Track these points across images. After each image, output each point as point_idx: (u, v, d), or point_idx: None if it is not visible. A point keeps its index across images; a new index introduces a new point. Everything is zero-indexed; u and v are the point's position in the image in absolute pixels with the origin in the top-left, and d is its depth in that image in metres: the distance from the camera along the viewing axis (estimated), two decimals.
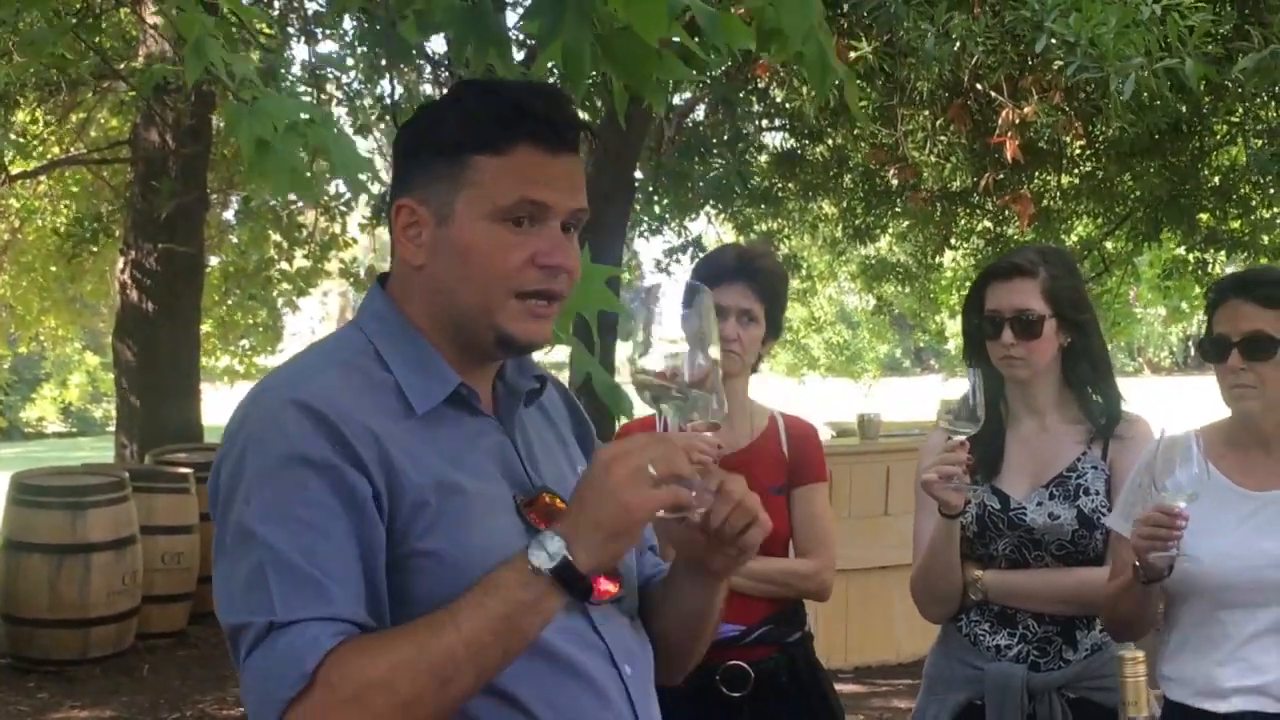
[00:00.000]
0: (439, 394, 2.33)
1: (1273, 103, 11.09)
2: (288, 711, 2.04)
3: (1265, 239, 13.72)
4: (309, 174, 4.23)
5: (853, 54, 9.39)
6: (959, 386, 3.74)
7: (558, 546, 2.13)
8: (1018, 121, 9.45)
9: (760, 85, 12.27)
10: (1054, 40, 6.00)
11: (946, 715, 4.01)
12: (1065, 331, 3.99)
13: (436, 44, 13.80)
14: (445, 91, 11.21)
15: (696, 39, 3.51)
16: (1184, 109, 10.80)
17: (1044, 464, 4.00)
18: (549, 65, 3.54)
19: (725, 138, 13.78)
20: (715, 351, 2.35)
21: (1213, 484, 3.66)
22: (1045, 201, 13.36)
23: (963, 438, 3.72)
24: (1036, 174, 12.80)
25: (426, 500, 2.23)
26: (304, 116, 3.92)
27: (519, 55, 5.23)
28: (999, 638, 3.97)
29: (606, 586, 2.38)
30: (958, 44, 7.81)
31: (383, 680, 2.06)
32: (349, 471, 2.17)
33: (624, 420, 3.92)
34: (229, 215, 17.72)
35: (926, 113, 10.97)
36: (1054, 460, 3.99)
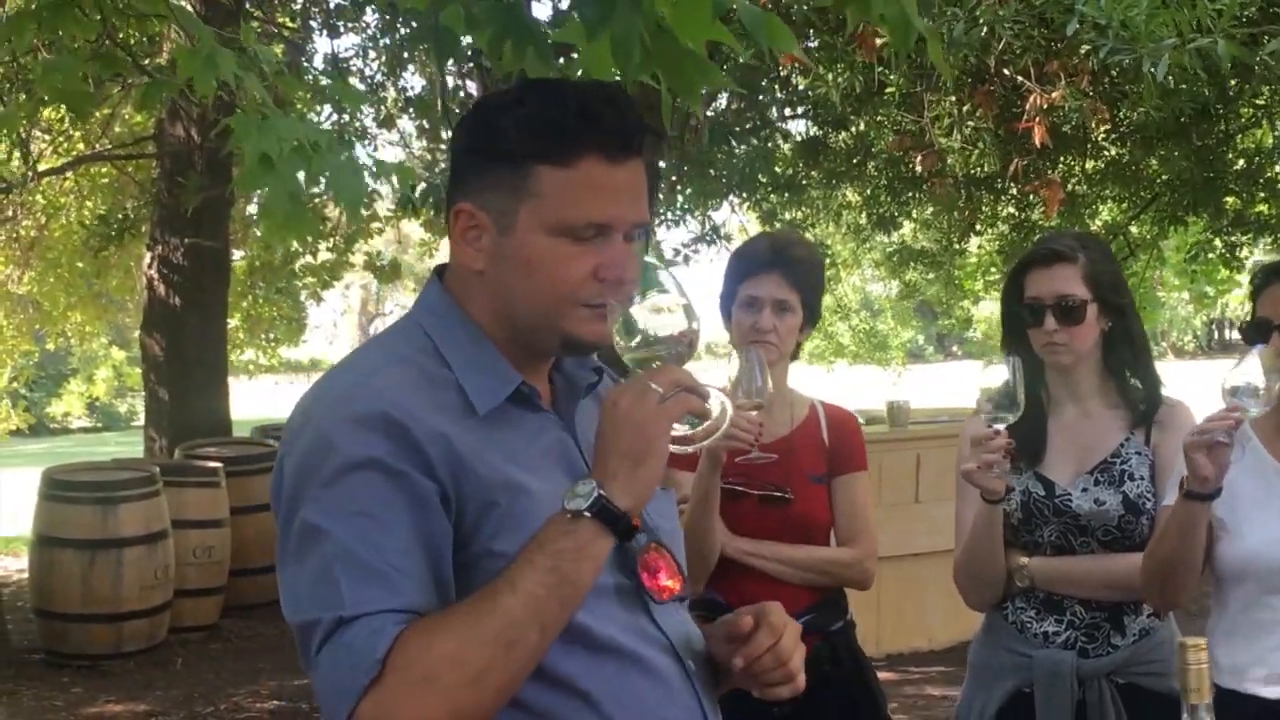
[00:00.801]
0: (501, 393, 2.33)
1: None
2: (362, 700, 2.05)
3: None
4: (308, 203, 4.23)
5: (878, 40, 9.39)
6: (997, 373, 3.70)
7: (590, 487, 2.15)
8: (1045, 106, 9.42)
9: (783, 73, 12.25)
10: (1082, 24, 5.97)
11: (995, 704, 3.97)
12: (1106, 316, 3.96)
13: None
14: (482, 86, 11.10)
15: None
16: (1208, 93, 10.76)
17: (1087, 450, 3.98)
18: (579, 71, 3.54)
19: (748, 125, 13.76)
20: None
21: (1262, 467, 3.66)
22: (1070, 186, 13.33)
23: (1003, 426, 3.70)
24: (1061, 159, 12.77)
25: (495, 500, 2.23)
26: (308, 140, 3.93)
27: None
28: (1046, 624, 3.95)
29: (668, 583, 2.39)
30: (984, 29, 7.79)
31: (451, 655, 2.07)
32: (414, 473, 2.17)
33: None
34: (253, 209, 17.76)
35: (952, 98, 10.94)
36: (1097, 446, 3.97)
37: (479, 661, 2.08)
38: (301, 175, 3.96)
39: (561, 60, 3.89)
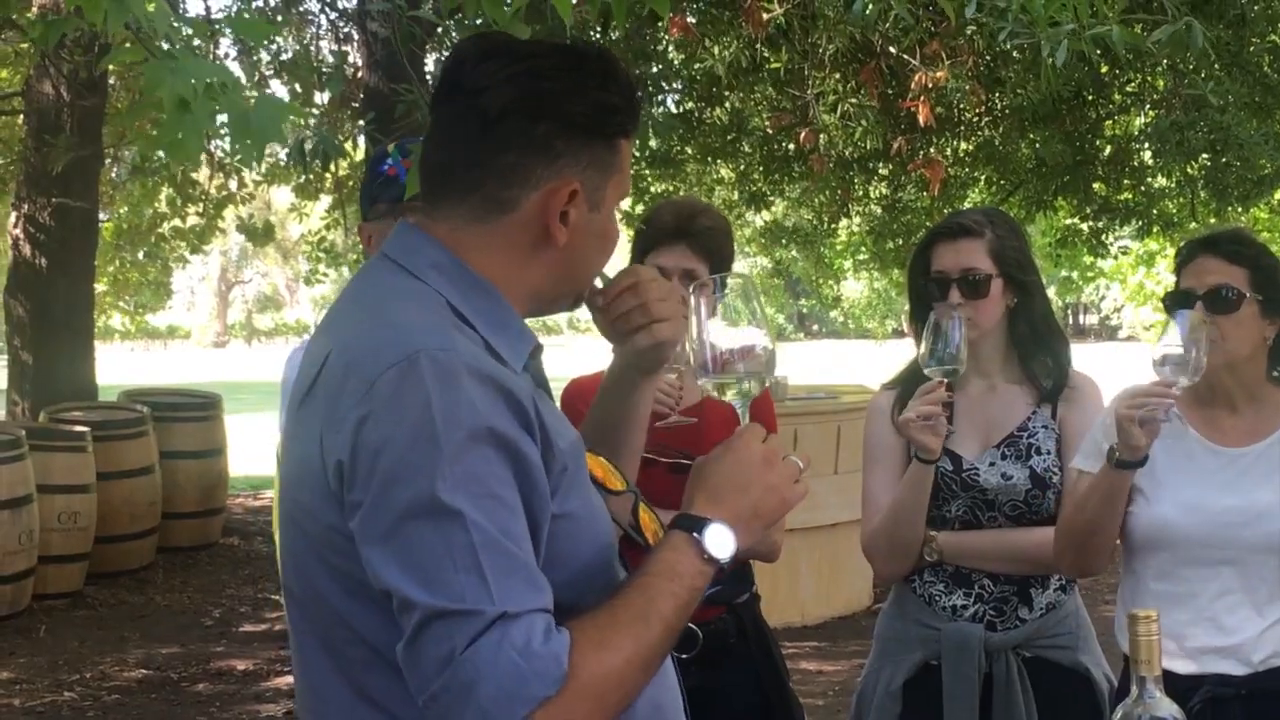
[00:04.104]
0: (524, 351, 2.30)
1: (1168, 73, 11.24)
2: (538, 710, 2.00)
3: (1155, 209, 13.91)
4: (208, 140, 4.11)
5: (765, 15, 9.42)
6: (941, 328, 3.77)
7: (731, 537, 2.22)
8: (930, 86, 9.50)
9: (658, 48, 12.22)
10: (981, 7, 6.01)
11: (902, 676, 3.98)
12: (1011, 292, 3.99)
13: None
14: (365, 50, 10.85)
15: None
16: (1077, 77, 10.90)
17: (994, 424, 4.01)
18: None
19: None
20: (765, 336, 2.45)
21: (1182, 437, 3.71)
22: (945, 168, 13.45)
23: (944, 380, 3.74)
24: (936, 140, 12.89)
25: (567, 465, 2.21)
26: (215, 80, 3.82)
27: None
28: (955, 598, 3.97)
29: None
30: (869, 8, 7.83)
31: (618, 676, 2.08)
32: (526, 443, 2.12)
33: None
34: (118, 171, 17.47)
35: (837, 76, 10.99)
36: (1004, 420, 4.01)
37: (633, 683, 2.12)
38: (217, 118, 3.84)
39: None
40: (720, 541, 2.20)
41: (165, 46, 3.98)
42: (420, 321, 2.19)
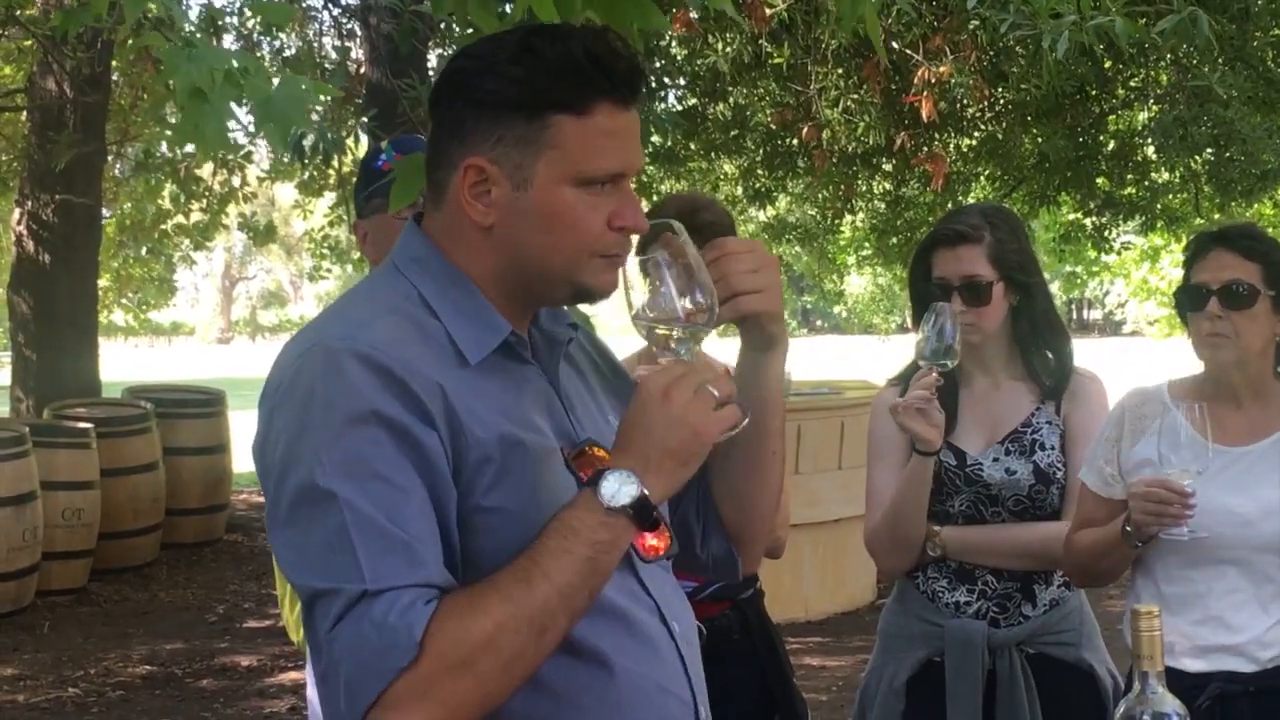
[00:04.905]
0: (490, 343, 2.27)
1: (1172, 68, 11.23)
2: (396, 681, 2.00)
3: (1159, 205, 13.90)
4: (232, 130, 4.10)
5: (768, 10, 9.42)
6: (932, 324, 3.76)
7: (632, 485, 2.12)
8: (934, 81, 9.50)
9: (661, 44, 12.22)
10: (982, 1, 6.01)
11: (905, 673, 3.97)
12: (1013, 292, 3.97)
13: None
14: (369, 47, 10.85)
15: None
16: (1080, 71, 10.89)
17: (998, 420, 4.00)
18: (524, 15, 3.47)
19: None
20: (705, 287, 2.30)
21: (1187, 440, 3.70)
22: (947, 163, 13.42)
23: (935, 368, 3.74)
24: (938, 136, 12.88)
25: (490, 456, 2.18)
26: (237, 66, 3.80)
27: None
28: (958, 594, 3.96)
29: (654, 542, 2.33)
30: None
31: (488, 641, 2.04)
32: (419, 428, 2.12)
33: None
34: (121, 168, 17.46)
35: (840, 71, 10.99)
36: (1008, 417, 3.99)
37: (513, 648, 2.06)
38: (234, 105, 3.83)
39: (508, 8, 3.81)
40: (620, 489, 2.11)
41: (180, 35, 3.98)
42: (348, 313, 2.27)
